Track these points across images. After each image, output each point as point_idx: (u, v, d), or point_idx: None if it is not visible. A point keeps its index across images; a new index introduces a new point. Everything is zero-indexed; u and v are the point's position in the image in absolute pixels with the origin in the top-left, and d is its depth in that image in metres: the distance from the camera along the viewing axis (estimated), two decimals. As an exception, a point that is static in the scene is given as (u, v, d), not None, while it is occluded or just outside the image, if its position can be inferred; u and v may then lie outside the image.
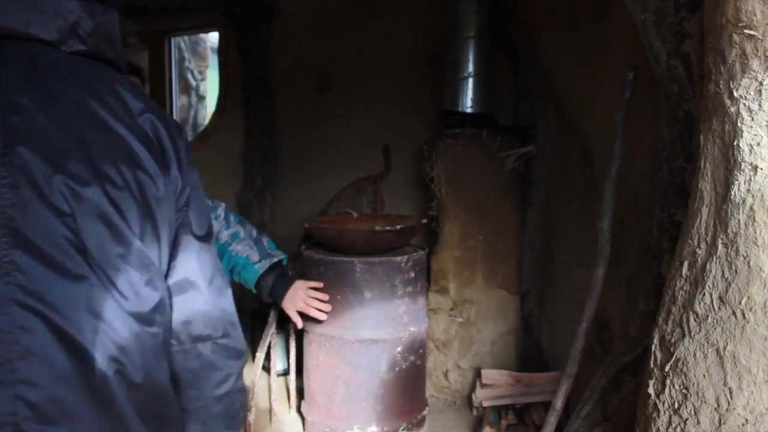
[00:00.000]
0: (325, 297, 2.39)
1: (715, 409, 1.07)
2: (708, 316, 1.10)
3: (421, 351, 2.53)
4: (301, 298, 2.36)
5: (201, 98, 6.76)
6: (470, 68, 3.03)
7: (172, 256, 0.97)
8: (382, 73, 3.55)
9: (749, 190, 1.04)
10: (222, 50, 4.04)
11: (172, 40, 4.53)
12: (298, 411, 2.75)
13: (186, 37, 6.06)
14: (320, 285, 2.40)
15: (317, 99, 3.69)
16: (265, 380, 2.89)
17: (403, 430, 2.47)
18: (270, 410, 2.80)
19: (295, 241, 2.93)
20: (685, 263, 1.20)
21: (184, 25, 4.32)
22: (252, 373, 2.78)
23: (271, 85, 3.78)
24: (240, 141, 3.84)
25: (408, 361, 2.45)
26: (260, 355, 2.58)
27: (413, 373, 2.49)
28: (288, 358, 2.82)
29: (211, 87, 6.58)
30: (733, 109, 1.07)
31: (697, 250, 1.17)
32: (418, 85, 3.52)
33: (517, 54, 3.27)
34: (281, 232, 3.86)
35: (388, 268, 2.39)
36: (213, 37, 6.13)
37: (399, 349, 2.42)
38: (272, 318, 2.60)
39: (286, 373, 2.94)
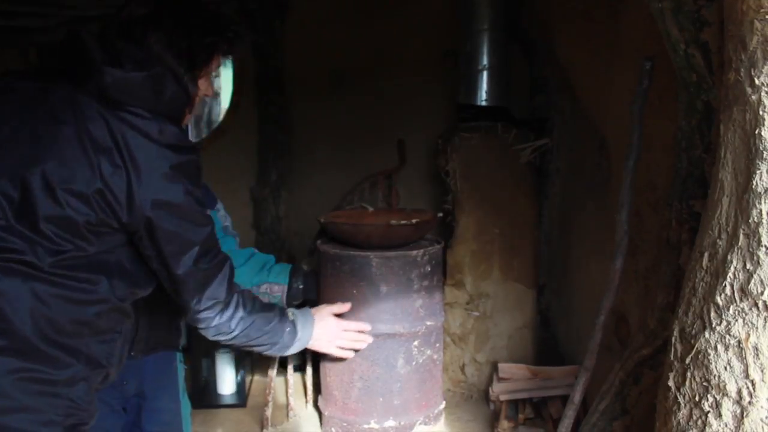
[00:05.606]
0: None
1: (737, 402, 1.05)
2: (729, 307, 1.09)
3: (437, 345, 2.52)
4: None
5: (215, 95, 6.79)
6: (485, 61, 3.02)
7: None
8: (396, 67, 3.54)
9: (771, 179, 1.02)
10: (235, 46, 4.04)
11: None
12: (315, 406, 2.76)
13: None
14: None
15: (331, 94, 3.69)
16: (282, 375, 2.91)
17: (419, 424, 2.47)
18: (287, 405, 2.81)
19: (311, 236, 2.94)
20: (705, 254, 1.19)
21: (197, 22, 4.32)
22: (269, 369, 2.80)
23: (285, 80, 3.78)
24: (254, 137, 3.84)
25: (424, 355, 2.45)
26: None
27: (430, 367, 2.49)
28: (305, 352, 2.83)
29: (224, 83, 6.59)
30: (754, 98, 1.05)
31: (718, 240, 1.15)
32: (432, 79, 3.50)
33: (532, 46, 3.24)
34: (296, 228, 3.88)
35: (404, 263, 2.39)
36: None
37: (415, 343, 2.42)
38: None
39: (302, 368, 2.96)
